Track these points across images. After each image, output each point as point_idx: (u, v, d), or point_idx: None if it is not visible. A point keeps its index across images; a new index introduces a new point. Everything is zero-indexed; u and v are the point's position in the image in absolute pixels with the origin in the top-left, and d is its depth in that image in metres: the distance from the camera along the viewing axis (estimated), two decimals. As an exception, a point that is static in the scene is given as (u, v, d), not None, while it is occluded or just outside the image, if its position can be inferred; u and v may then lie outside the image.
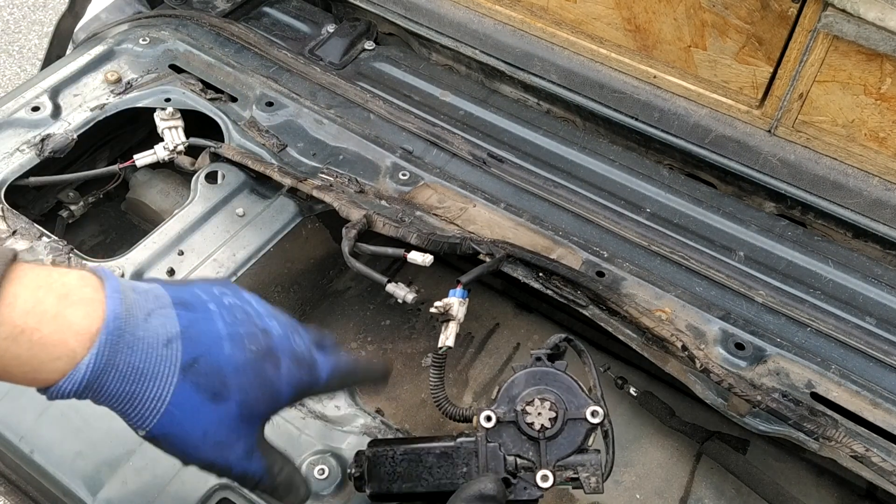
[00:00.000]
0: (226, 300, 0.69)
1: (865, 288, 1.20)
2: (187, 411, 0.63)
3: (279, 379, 0.68)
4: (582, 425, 0.82)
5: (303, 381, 0.71)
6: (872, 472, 0.99)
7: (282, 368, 0.68)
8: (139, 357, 0.61)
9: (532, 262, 1.14)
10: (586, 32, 1.34)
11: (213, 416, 0.64)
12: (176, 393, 0.62)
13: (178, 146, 1.30)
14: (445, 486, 0.82)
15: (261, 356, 0.67)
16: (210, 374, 0.64)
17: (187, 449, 0.65)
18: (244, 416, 0.66)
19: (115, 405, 0.63)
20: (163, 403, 0.62)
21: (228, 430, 0.66)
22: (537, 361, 0.86)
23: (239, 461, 0.68)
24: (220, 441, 0.66)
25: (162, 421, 0.63)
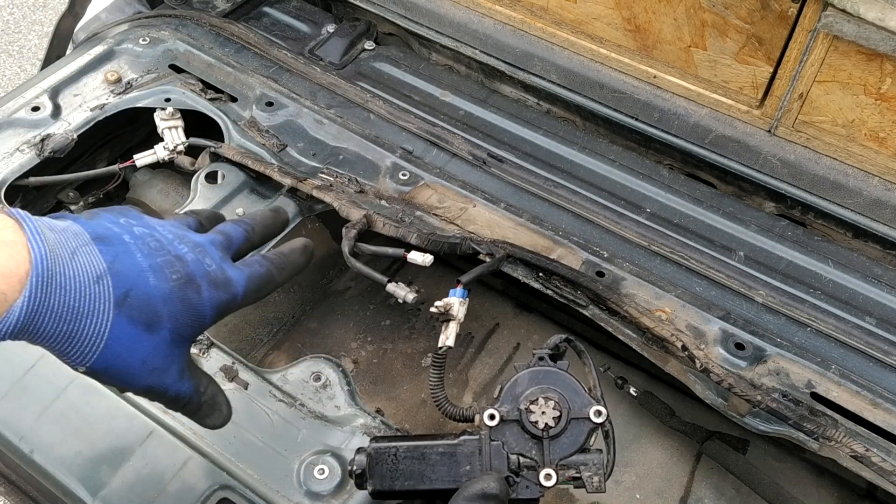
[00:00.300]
0: (136, 230, 0.72)
1: (865, 288, 1.20)
2: (125, 344, 0.67)
3: (202, 303, 0.72)
4: (585, 425, 0.83)
5: (222, 301, 0.74)
6: (872, 472, 0.99)
7: (202, 293, 0.72)
8: (73, 296, 0.63)
9: (532, 262, 1.14)
10: (586, 32, 1.34)
11: (148, 344, 0.68)
12: (113, 328, 0.65)
13: (178, 146, 1.30)
14: (448, 484, 0.82)
15: (182, 283, 0.71)
16: (142, 306, 0.67)
17: (127, 378, 0.69)
18: (175, 341, 0.71)
19: (52, 345, 0.65)
20: (101, 339, 0.65)
21: (163, 356, 0.70)
22: (540, 361, 0.86)
23: (174, 383, 0.72)
24: (157, 367, 0.70)
25: (102, 356, 0.66)
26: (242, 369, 1.03)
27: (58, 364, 1.02)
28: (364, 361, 1.36)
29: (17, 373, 1.00)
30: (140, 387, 0.71)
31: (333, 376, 1.04)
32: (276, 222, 0.89)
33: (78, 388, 0.99)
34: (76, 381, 1.00)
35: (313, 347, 1.36)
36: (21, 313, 0.60)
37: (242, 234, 0.82)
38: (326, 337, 1.39)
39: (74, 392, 0.99)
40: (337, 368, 1.05)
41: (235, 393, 1.00)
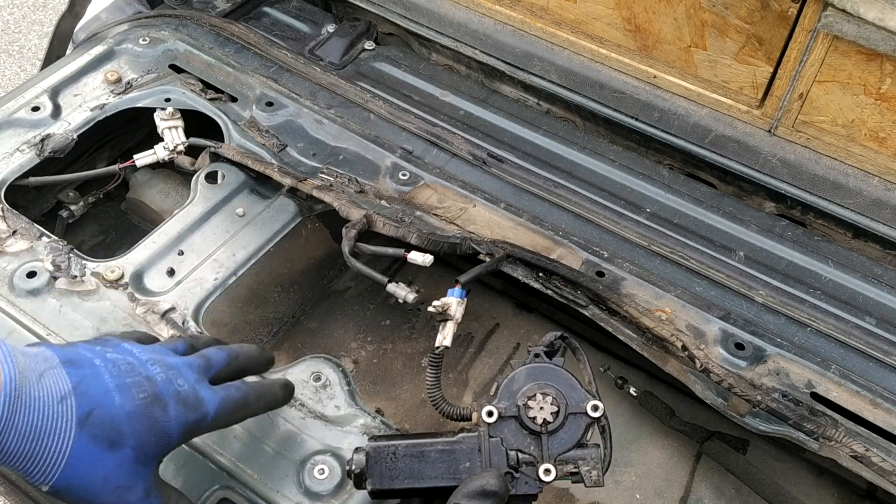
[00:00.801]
0: (108, 355, 0.74)
1: (865, 288, 1.20)
2: (86, 462, 0.68)
3: (168, 421, 0.73)
4: (582, 419, 0.83)
5: (190, 420, 0.75)
6: (872, 472, 0.99)
7: (169, 411, 0.74)
8: (36, 416, 0.65)
9: (532, 262, 1.14)
10: (586, 32, 1.34)
11: (110, 462, 0.69)
12: (74, 446, 0.67)
13: (178, 146, 1.30)
14: (448, 481, 0.83)
15: (149, 402, 0.72)
16: (105, 425, 0.69)
17: (90, 497, 0.70)
18: (139, 459, 0.71)
19: (15, 465, 0.66)
20: (63, 457, 0.67)
21: (126, 474, 0.71)
22: (536, 358, 0.87)
23: (139, 501, 0.73)
24: (120, 485, 0.70)
25: (64, 474, 0.67)
26: (242, 369, 1.03)
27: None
28: (364, 361, 1.36)
29: (17, 373, 1.00)
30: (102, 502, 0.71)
31: (333, 376, 1.04)
32: (261, 358, 0.91)
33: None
34: (76, 381, 0.99)
35: (313, 347, 1.36)
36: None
37: (224, 359, 0.84)
38: (326, 337, 1.39)
39: (74, 392, 0.99)
40: (337, 368, 1.05)
41: (235, 393, 1.00)
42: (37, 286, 1.07)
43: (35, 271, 1.09)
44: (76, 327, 1.04)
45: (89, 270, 1.11)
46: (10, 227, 1.14)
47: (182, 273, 1.14)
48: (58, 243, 1.13)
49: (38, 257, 1.11)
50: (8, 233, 1.14)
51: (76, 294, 1.08)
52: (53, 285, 1.08)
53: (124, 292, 1.09)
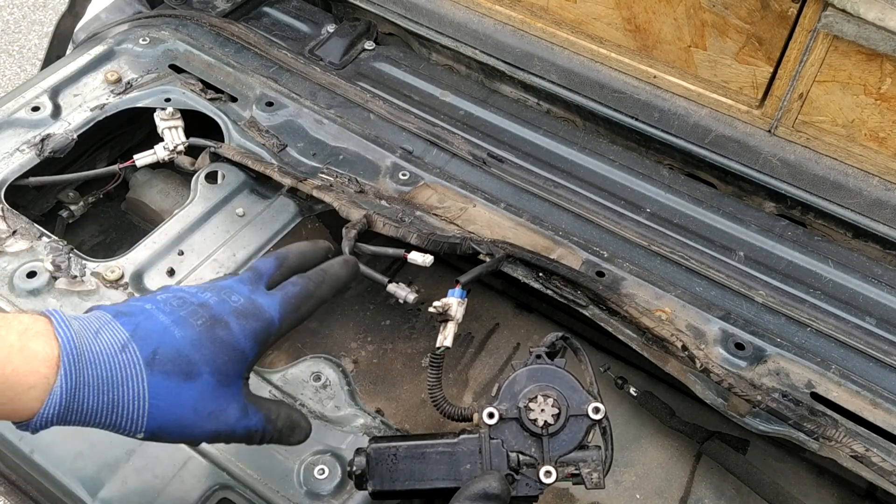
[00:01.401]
0: (158, 297, 0.74)
1: (865, 288, 1.20)
2: (169, 398, 0.68)
3: (234, 337, 0.72)
4: (583, 421, 0.83)
5: (257, 329, 0.74)
6: (872, 472, 0.99)
7: (232, 327, 0.72)
8: (104, 368, 0.65)
9: (532, 262, 1.14)
10: (586, 32, 1.34)
11: (194, 392, 0.69)
12: (151, 387, 0.67)
13: (178, 146, 1.30)
14: (449, 483, 0.82)
15: (209, 326, 0.72)
16: (174, 359, 0.68)
17: (187, 430, 0.70)
18: (221, 381, 0.71)
19: (101, 420, 0.66)
20: (143, 401, 0.67)
21: (214, 398, 0.70)
22: (537, 359, 0.87)
23: (239, 421, 0.73)
24: (212, 411, 0.70)
25: (152, 416, 0.67)
26: (242, 369, 1.03)
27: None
28: (364, 361, 1.36)
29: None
30: (204, 434, 0.71)
31: (333, 376, 1.04)
32: (314, 249, 0.87)
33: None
34: (76, 381, 1.00)
35: (313, 347, 1.36)
36: (62, 391, 0.63)
37: (273, 264, 0.81)
38: (326, 337, 1.39)
39: (74, 392, 0.99)
40: (337, 368, 1.05)
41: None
42: (37, 286, 1.07)
43: (35, 271, 1.09)
44: (76, 327, 1.04)
45: (89, 270, 1.11)
46: (10, 227, 1.14)
47: (182, 273, 1.14)
48: (58, 243, 1.13)
49: (38, 257, 1.11)
50: (8, 233, 1.14)
51: (76, 294, 1.08)
52: (53, 285, 1.08)
53: (124, 292, 1.09)
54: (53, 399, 0.63)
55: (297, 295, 0.78)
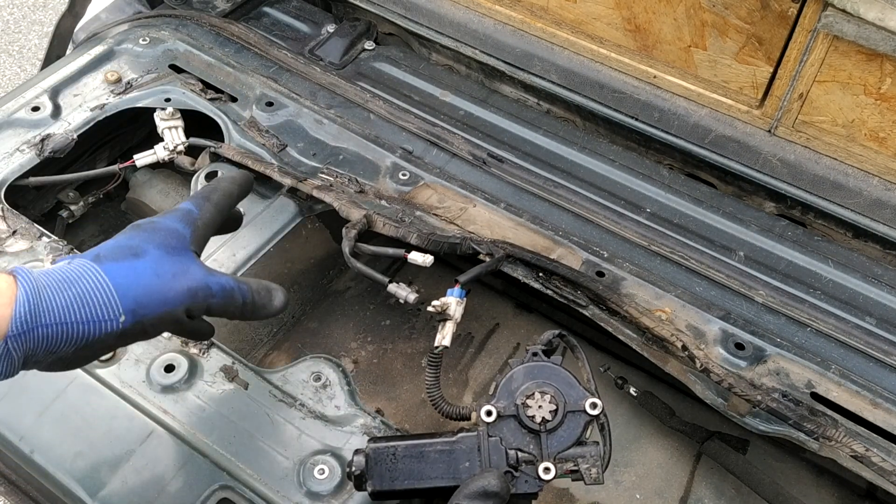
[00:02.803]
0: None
1: (865, 288, 1.20)
2: (128, 275, 0.72)
3: (162, 222, 0.78)
4: (581, 417, 0.83)
5: (177, 215, 0.80)
6: (872, 472, 0.99)
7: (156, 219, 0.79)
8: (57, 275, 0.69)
9: (532, 262, 1.14)
10: (586, 32, 1.34)
11: (147, 263, 0.73)
12: (107, 272, 0.71)
13: (178, 146, 1.30)
14: (448, 481, 0.83)
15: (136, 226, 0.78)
16: (116, 249, 0.74)
17: (162, 294, 0.73)
18: (169, 251, 0.76)
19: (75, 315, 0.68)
20: (106, 283, 0.70)
21: (171, 261, 0.75)
22: (534, 356, 0.87)
23: (207, 276, 0.77)
24: (175, 271, 0.75)
25: (122, 294, 0.70)
26: (242, 369, 1.03)
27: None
28: (364, 361, 1.36)
29: (17, 373, 1.00)
30: (181, 296, 0.74)
31: (333, 376, 1.04)
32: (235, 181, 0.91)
33: (78, 388, 0.99)
34: (76, 381, 1.00)
35: (313, 347, 1.36)
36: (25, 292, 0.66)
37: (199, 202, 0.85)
38: (326, 337, 1.39)
39: (74, 392, 0.99)
40: (337, 368, 1.05)
41: (235, 393, 1.00)
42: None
43: (35, 271, 1.09)
44: (76, 327, 1.04)
45: (89, 270, 1.11)
46: (10, 227, 1.14)
47: (182, 273, 1.13)
48: (58, 243, 1.13)
49: (38, 257, 1.11)
50: (8, 233, 1.14)
51: (76, 294, 1.08)
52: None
53: (124, 292, 1.09)
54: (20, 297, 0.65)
55: (201, 190, 0.85)
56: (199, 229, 0.81)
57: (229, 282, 0.79)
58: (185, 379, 1.00)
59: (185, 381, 1.00)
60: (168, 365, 1.01)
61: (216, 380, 1.01)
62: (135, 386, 1.00)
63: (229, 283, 0.79)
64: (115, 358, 1.02)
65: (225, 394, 1.00)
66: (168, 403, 0.98)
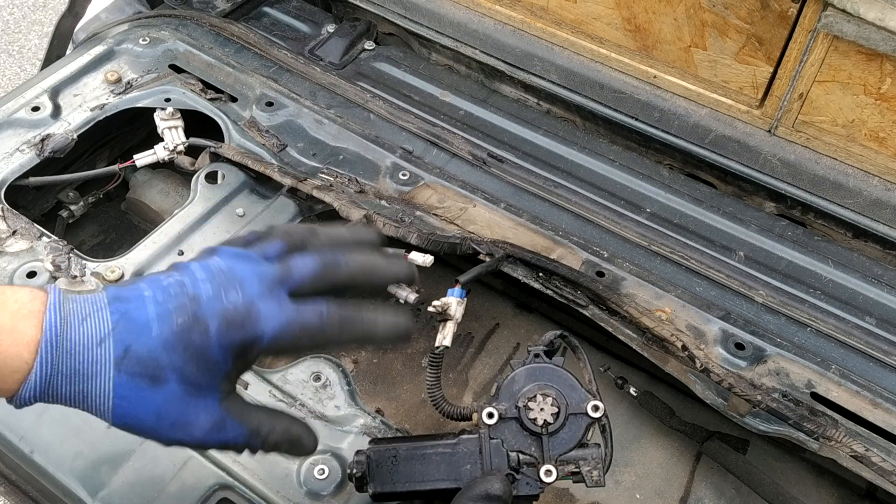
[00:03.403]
0: (165, 281, 0.67)
1: (865, 288, 1.20)
2: (132, 401, 0.65)
3: (209, 345, 0.65)
4: (583, 420, 0.83)
5: (235, 341, 0.65)
6: (872, 472, 0.99)
7: (210, 333, 0.65)
8: (78, 360, 0.64)
9: (532, 262, 1.14)
10: (586, 32, 1.34)
11: (157, 398, 0.65)
12: (116, 387, 0.64)
13: (178, 146, 1.30)
14: (449, 483, 0.82)
15: (187, 326, 0.65)
16: (143, 361, 0.64)
17: (152, 434, 0.67)
18: (189, 391, 0.65)
19: (76, 405, 0.66)
20: (108, 398, 0.65)
21: (179, 408, 0.66)
22: (536, 358, 0.87)
23: (208, 434, 0.67)
24: (176, 420, 0.66)
25: (116, 415, 0.65)
26: (242, 369, 1.03)
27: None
28: (364, 361, 1.36)
29: (17, 373, 1.00)
30: (168, 440, 0.68)
31: (333, 376, 1.04)
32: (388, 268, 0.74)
33: (78, 389, 0.99)
34: (76, 381, 0.99)
35: (313, 347, 1.36)
36: (36, 378, 0.63)
37: (312, 269, 0.69)
38: (326, 337, 1.38)
39: (74, 392, 0.99)
40: (337, 368, 1.05)
41: (235, 393, 1.00)
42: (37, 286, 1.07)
43: (35, 271, 1.09)
44: (76, 327, 1.04)
45: (89, 270, 1.11)
46: (10, 227, 1.14)
47: (182, 273, 1.13)
48: (58, 243, 1.13)
49: (38, 257, 1.11)
50: (8, 233, 1.14)
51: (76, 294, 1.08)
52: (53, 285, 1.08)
53: (124, 292, 1.09)
54: (30, 384, 0.63)
55: (307, 325, 0.67)
56: (243, 362, 0.68)
57: (239, 438, 0.68)
58: (185, 379, 1.00)
59: (185, 381, 1.00)
60: (168, 365, 1.01)
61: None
62: (135, 386, 1.00)
63: (235, 440, 0.68)
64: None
65: (225, 394, 1.00)
66: (168, 403, 0.98)
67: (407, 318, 0.72)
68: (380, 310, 0.71)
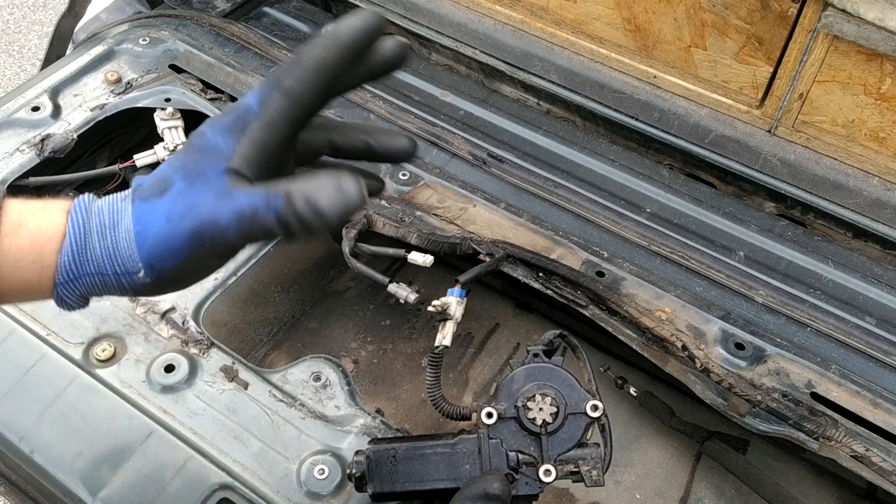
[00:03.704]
0: None
1: (865, 288, 1.20)
2: (145, 219, 0.61)
3: (205, 137, 0.62)
4: (582, 419, 0.83)
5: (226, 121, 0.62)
6: (872, 472, 0.99)
7: (206, 129, 0.62)
8: (106, 215, 0.62)
9: (532, 262, 1.14)
10: (586, 32, 1.34)
11: (165, 202, 0.61)
12: (133, 214, 0.61)
13: (178, 146, 1.30)
14: (448, 483, 0.83)
15: (188, 142, 0.63)
16: (153, 183, 0.62)
17: (166, 243, 0.61)
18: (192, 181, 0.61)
19: (107, 269, 0.62)
20: (130, 231, 0.61)
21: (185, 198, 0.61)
22: (535, 358, 0.87)
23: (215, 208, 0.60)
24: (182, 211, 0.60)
25: (139, 245, 0.61)
26: (242, 369, 1.03)
27: (58, 364, 1.02)
28: (364, 361, 1.36)
29: (17, 373, 1.00)
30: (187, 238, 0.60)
31: (333, 376, 1.04)
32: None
33: (78, 388, 0.99)
34: (76, 381, 1.00)
35: (313, 347, 1.36)
36: (71, 234, 0.62)
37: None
38: (326, 337, 1.39)
39: (74, 392, 0.99)
40: (337, 368, 1.05)
41: (235, 393, 1.00)
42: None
43: (35, 271, 1.09)
44: (76, 327, 1.04)
45: (89, 270, 1.11)
46: (10, 228, 1.14)
47: (182, 273, 1.13)
48: (58, 243, 1.13)
49: (38, 257, 1.11)
50: (8, 233, 1.14)
51: (76, 294, 1.08)
52: None
53: (124, 292, 1.09)
54: (66, 245, 0.61)
55: (279, 69, 0.62)
56: (252, 138, 0.61)
57: (251, 199, 0.58)
58: (185, 379, 1.01)
59: (185, 381, 1.00)
60: (168, 365, 1.01)
61: (216, 380, 1.02)
62: (135, 386, 1.00)
63: (250, 204, 0.58)
64: (115, 358, 1.03)
65: (225, 394, 1.00)
66: (168, 403, 0.98)
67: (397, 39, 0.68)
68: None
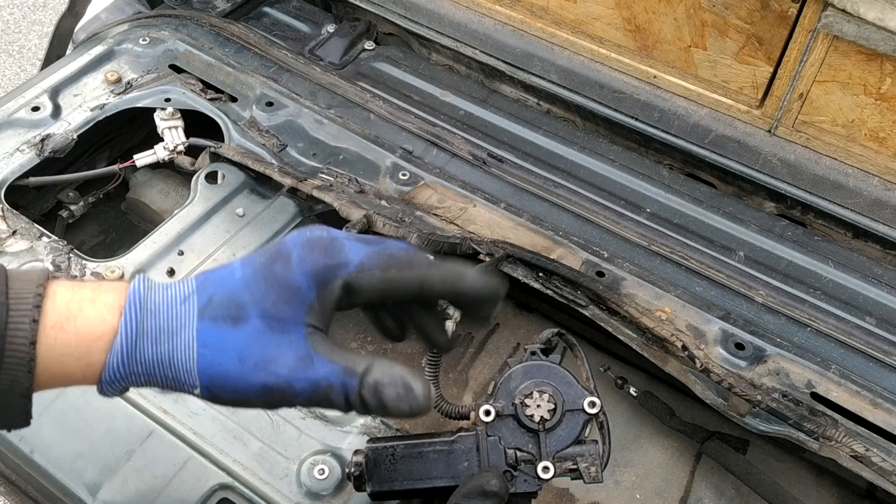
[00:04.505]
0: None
1: (865, 288, 1.20)
2: (215, 346, 0.61)
3: (290, 271, 0.61)
4: (580, 416, 0.83)
5: (318, 264, 0.62)
6: (872, 472, 0.99)
7: (292, 261, 0.62)
8: (163, 318, 0.61)
9: (532, 262, 1.14)
10: (586, 32, 1.34)
11: (239, 338, 0.61)
12: (199, 334, 0.61)
13: (178, 146, 1.30)
14: (447, 481, 0.83)
15: (269, 261, 0.62)
16: (224, 304, 0.61)
17: (237, 383, 0.61)
18: (272, 326, 0.61)
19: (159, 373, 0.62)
20: (192, 350, 0.61)
21: (263, 345, 0.61)
22: (532, 356, 0.87)
23: (294, 371, 0.61)
24: (259, 359, 0.61)
25: (201, 369, 0.61)
26: (242, 369, 1.03)
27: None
28: (364, 361, 1.36)
29: (17, 373, 1.00)
30: (257, 389, 0.61)
31: (333, 376, 1.04)
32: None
33: (78, 388, 0.98)
34: (76, 381, 1.00)
35: (313, 347, 1.36)
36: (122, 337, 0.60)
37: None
38: (326, 337, 1.38)
39: (74, 392, 0.99)
40: (337, 368, 1.05)
41: (235, 393, 1.00)
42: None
43: (35, 271, 1.09)
44: (76, 327, 1.04)
45: (89, 270, 1.11)
46: (10, 227, 1.14)
47: (182, 273, 1.14)
48: (58, 243, 1.13)
49: (38, 257, 1.11)
50: (8, 233, 1.14)
51: (76, 294, 1.08)
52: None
53: (124, 292, 1.09)
54: (115, 349, 0.60)
55: (394, 254, 0.64)
56: (330, 292, 0.63)
57: (329, 376, 0.61)
58: (185, 379, 1.00)
59: (185, 381, 1.00)
60: (168, 365, 1.01)
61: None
62: (135, 386, 1.00)
63: (327, 379, 0.61)
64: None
65: (225, 394, 1.00)
66: (168, 403, 0.98)
67: (500, 281, 0.68)
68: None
